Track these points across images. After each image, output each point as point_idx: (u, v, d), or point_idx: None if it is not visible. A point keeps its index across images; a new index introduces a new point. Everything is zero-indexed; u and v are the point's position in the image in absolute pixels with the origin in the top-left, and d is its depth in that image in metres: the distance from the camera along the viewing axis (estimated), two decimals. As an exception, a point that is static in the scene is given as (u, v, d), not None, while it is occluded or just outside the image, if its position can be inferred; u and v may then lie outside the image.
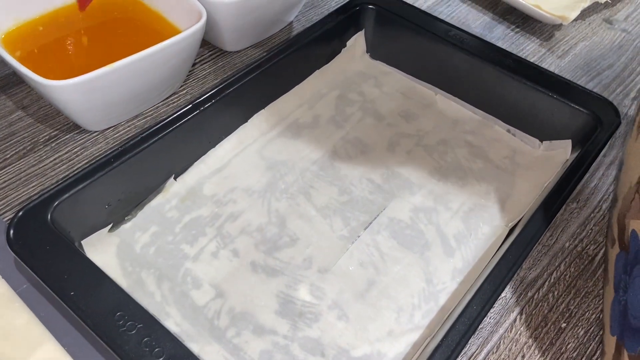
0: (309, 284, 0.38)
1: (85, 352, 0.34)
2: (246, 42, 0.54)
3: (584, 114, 0.45)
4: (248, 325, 0.35)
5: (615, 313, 0.33)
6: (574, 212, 0.43)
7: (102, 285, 0.31)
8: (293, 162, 0.45)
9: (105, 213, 0.38)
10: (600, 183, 0.45)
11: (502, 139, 0.48)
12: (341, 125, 0.48)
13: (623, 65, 0.55)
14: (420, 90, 0.52)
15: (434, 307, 0.37)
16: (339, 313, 0.36)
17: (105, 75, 0.41)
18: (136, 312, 0.30)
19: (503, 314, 0.38)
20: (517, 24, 0.60)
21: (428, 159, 0.46)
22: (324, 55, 0.51)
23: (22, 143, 0.45)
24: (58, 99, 0.42)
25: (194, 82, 0.51)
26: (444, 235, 0.41)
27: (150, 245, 0.38)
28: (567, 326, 0.37)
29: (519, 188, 0.44)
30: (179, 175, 0.42)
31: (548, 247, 0.41)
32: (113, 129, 0.47)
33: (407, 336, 0.35)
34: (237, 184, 0.43)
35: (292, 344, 0.35)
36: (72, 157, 0.45)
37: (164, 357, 0.29)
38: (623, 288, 0.32)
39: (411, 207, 0.43)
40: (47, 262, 0.32)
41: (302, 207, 0.42)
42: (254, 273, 0.38)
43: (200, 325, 0.35)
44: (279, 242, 0.40)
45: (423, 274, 0.39)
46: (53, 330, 0.35)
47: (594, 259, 0.41)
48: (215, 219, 0.40)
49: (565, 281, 0.39)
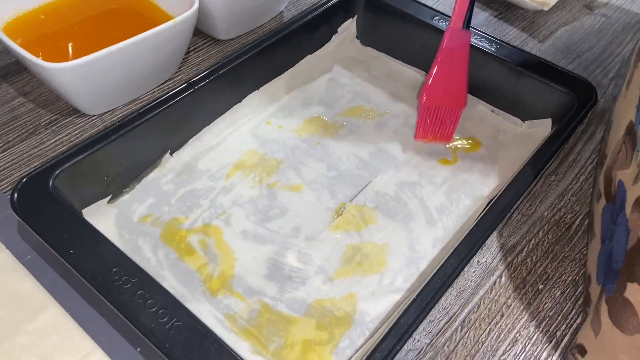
0: (297, 250, 0.39)
1: (88, 315, 0.36)
2: (238, 30, 0.56)
3: (563, 93, 0.46)
4: (238, 287, 0.37)
5: (602, 262, 0.34)
6: (553, 184, 0.45)
7: (99, 245, 0.33)
8: (284, 140, 0.47)
9: (104, 184, 0.40)
10: (578, 157, 0.47)
11: (486, 119, 0.50)
12: (331, 106, 0.50)
13: (602, 47, 0.57)
14: (407, 73, 0.54)
15: (414, 272, 0.39)
16: (324, 277, 0.38)
17: (102, 58, 0.43)
18: (131, 268, 0.32)
19: (483, 277, 0.39)
20: (499, 10, 0.62)
21: (413, 137, 0.48)
22: (316, 40, 0.53)
23: (24, 127, 0.48)
24: (58, 82, 0.44)
25: (188, 69, 0.53)
26: (426, 207, 0.43)
27: (147, 216, 0.40)
28: (544, 287, 0.39)
29: (501, 163, 0.46)
30: (174, 151, 0.44)
31: (527, 217, 0.43)
32: (111, 112, 0.49)
33: (389, 297, 0.37)
34: (231, 160, 0.45)
35: (280, 304, 0.36)
36: (72, 140, 0.47)
37: (157, 308, 0.31)
38: (609, 237, 0.34)
39: (396, 181, 0.44)
40: (48, 224, 0.34)
41: (291, 181, 0.44)
42: (244, 240, 0.40)
43: (193, 287, 0.37)
44: (270, 213, 0.42)
45: (406, 242, 0.40)
46: (56, 295, 0.37)
47: (570, 226, 0.42)
48: (209, 191, 0.42)
49: (543, 247, 0.41)
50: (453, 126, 0.45)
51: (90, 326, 0.35)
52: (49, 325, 0.35)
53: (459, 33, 0.41)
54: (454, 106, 0.43)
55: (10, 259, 0.38)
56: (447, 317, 0.37)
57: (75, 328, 0.35)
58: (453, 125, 0.45)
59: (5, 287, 0.36)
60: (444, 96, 0.43)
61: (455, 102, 0.44)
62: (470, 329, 0.37)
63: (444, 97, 0.43)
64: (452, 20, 0.42)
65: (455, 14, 0.41)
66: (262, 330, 0.35)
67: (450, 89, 0.43)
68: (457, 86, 0.43)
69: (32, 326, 0.35)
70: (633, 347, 0.29)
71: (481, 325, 0.37)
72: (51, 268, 0.38)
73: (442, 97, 0.43)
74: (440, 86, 0.42)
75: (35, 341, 0.34)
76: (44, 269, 0.38)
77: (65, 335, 0.34)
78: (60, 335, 0.34)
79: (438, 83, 0.42)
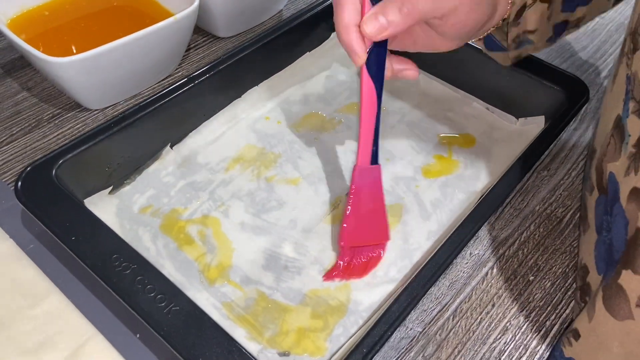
0: (293, 242, 0.40)
1: (89, 302, 0.37)
2: (238, 28, 0.57)
3: (556, 90, 0.47)
4: (235, 277, 0.38)
5: (601, 253, 0.35)
6: (545, 179, 0.46)
7: (100, 233, 0.34)
8: (282, 135, 0.48)
9: (106, 175, 0.41)
10: (570, 153, 0.48)
11: (481, 116, 0.51)
12: (329, 102, 0.51)
13: (596, 47, 0.58)
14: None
15: (408, 263, 0.40)
16: (319, 268, 0.39)
17: (104, 53, 0.44)
18: (131, 255, 0.33)
19: (475, 268, 0.40)
20: (496, 10, 0.63)
21: (410, 133, 0.49)
22: (315, 38, 0.54)
23: (27, 120, 0.49)
24: (60, 77, 0.45)
25: (188, 66, 0.54)
26: (421, 201, 0.44)
27: (147, 206, 0.41)
28: (535, 279, 0.40)
29: (494, 159, 0.47)
30: (175, 144, 0.45)
31: (519, 210, 0.44)
32: (112, 107, 0.50)
33: (382, 287, 0.38)
34: (230, 153, 0.46)
35: (276, 292, 0.37)
36: (74, 133, 0.48)
37: (155, 293, 0.31)
38: (606, 228, 0.34)
39: (392, 175, 0.45)
40: (51, 212, 0.35)
41: (289, 175, 0.45)
42: (242, 232, 0.41)
43: (192, 276, 0.38)
44: (267, 206, 0.42)
45: (400, 234, 0.41)
46: (58, 283, 0.37)
47: (562, 220, 0.43)
48: (208, 184, 0.43)
49: (534, 240, 0.42)
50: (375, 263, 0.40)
51: (90, 313, 0.36)
52: (51, 312, 0.36)
53: (368, 170, 0.38)
54: (377, 242, 0.40)
55: (14, 248, 0.39)
56: (440, 307, 0.38)
57: (76, 314, 0.36)
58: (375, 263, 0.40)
59: (9, 274, 0.37)
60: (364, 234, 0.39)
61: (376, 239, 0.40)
62: (462, 318, 0.37)
63: (364, 235, 0.39)
64: (358, 159, 0.38)
65: (361, 152, 0.38)
66: (258, 318, 0.36)
67: (370, 225, 0.40)
68: (378, 222, 0.40)
69: (34, 312, 0.36)
70: (623, 333, 0.30)
71: (473, 315, 0.38)
72: (53, 256, 0.39)
73: (362, 237, 0.39)
74: (360, 226, 0.39)
75: (37, 327, 0.35)
76: (47, 257, 0.39)
77: (66, 321, 0.35)
78: (61, 321, 0.35)
79: (357, 223, 0.39)
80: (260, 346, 0.35)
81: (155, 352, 0.35)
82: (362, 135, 0.37)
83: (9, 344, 0.34)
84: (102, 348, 0.34)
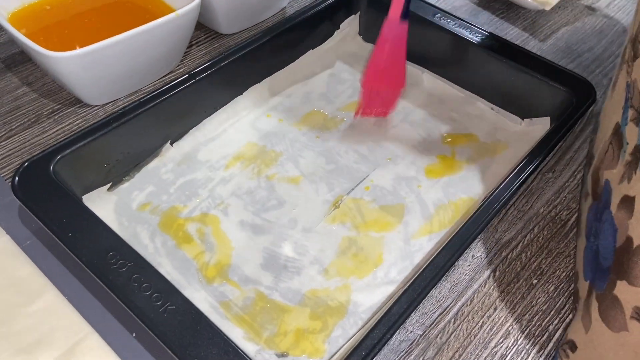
0: (293, 241, 0.40)
1: (85, 300, 0.36)
2: (240, 24, 0.56)
3: (562, 91, 0.47)
4: (234, 276, 0.37)
5: (588, 259, 0.35)
6: (549, 181, 0.45)
7: (97, 230, 0.34)
8: (284, 133, 0.47)
9: (105, 171, 0.40)
10: (576, 155, 0.47)
11: (485, 116, 0.50)
12: (332, 101, 0.50)
13: (603, 48, 0.58)
14: (408, 70, 0.54)
15: (409, 265, 0.39)
16: (319, 268, 0.38)
17: (105, 48, 0.43)
18: (127, 253, 0.33)
19: (478, 271, 0.40)
20: (501, 10, 0.62)
21: (413, 133, 0.48)
22: (318, 36, 0.54)
23: (26, 115, 0.48)
24: (61, 72, 0.44)
25: (189, 62, 0.54)
26: (423, 202, 0.43)
27: (146, 204, 0.41)
28: (538, 282, 0.39)
29: (498, 160, 0.46)
30: (175, 141, 0.44)
31: (523, 213, 0.43)
32: (112, 103, 0.50)
33: (383, 289, 0.38)
34: (230, 151, 0.45)
35: (274, 292, 0.37)
36: (74, 129, 0.47)
37: (152, 291, 0.31)
38: (594, 234, 0.34)
39: (394, 175, 0.45)
40: (48, 208, 0.34)
41: (290, 174, 0.44)
42: (242, 230, 0.40)
43: (190, 275, 0.37)
44: (267, 204, 0.42)
45: (401, 235, 0.41)
46: (54, 280, 0.37)
47: (566, 223, 0.43)
48: (208, 182, 0.43)
49: (538, 243, 0.41)
50: (392, 104, 0.48)
51: (86, 311, 0.35)
52: (47, 309, 0.35)
53: (396, 24, 0.43)
54: (394, 86, 0.47)
55: (10, 244, 0.39)
56: (441, 310, 0.37)
57: (72, 312, 0.35)
58: (392, 103, 0.48)
59: (5, 271, 0.37)
60: (383, 78, 0.46)
61: (394, 84, 0.47)
62: (463, 322, 0.37)
63: (383, 78, 0.46)
64: (390, 12, 0.43)
65: (393, 6, 0.42)
66: (256, 318, 0.36)
67: (389, 71, 0.46)
68: (396, 70, 0.46)
69: (30, 309, 0.35)
70: (618, 344, 0.30)
71: (474, 318, 0.37)
72: (50, 253, 0.38)
73: (381, 79, 0.46)
74: (380, 70, 0.45)
75: (33, 324, 0.35)
76: (43, 254, 0.38)
77: (62, 319, 0.35)
78: (57, 318, 0.35)
79: (377, 68, 0.45)
80: (258, 347, 0.34)
81: (151, 351, 0.34)
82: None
83: (4, 341, 0.34)
84: (97, 346, 0.34)
